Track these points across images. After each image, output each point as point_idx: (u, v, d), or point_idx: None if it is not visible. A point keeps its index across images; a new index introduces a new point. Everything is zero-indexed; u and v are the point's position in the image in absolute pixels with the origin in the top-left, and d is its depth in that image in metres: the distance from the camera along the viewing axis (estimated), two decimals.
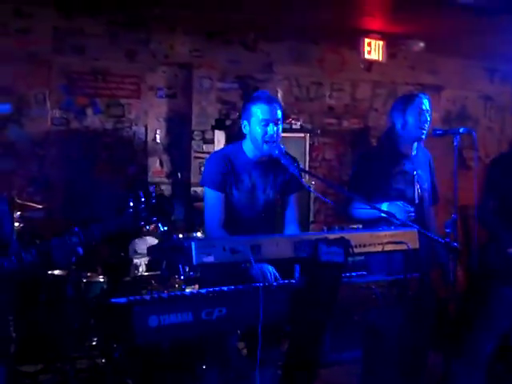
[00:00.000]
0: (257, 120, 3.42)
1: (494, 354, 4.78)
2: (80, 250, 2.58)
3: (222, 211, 3.45)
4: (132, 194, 2.59)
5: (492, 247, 4.09)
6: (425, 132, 3.87)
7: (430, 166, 4.12)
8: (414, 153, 3.97)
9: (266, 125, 3.41)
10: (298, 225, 3.65)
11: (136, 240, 5.37)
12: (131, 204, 2.56)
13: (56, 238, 2.56)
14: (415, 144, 3.95)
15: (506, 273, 3.99)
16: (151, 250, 3.27)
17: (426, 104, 3.89)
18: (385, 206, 3.64)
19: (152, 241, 5.39)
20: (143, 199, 2.57)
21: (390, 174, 3.86)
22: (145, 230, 2.61)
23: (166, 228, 2.74)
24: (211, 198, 3.47)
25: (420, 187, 3.91)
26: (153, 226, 2.65)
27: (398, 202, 3.68)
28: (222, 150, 3.85)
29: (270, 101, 3.44)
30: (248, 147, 3.53)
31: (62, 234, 2.55)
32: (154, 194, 2.61)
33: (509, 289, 4.10)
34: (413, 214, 3.67)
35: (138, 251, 5.35)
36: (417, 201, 3.87)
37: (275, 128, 3.42)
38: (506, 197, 4.05)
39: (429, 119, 3.87)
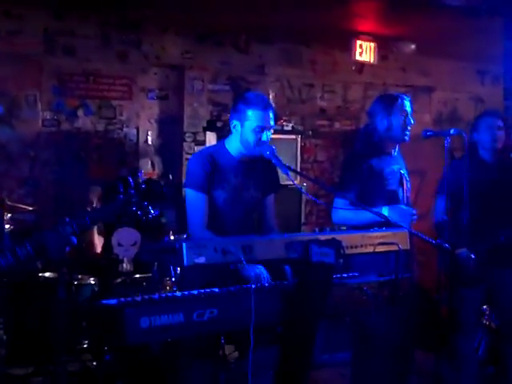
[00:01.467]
0: (251, 125, 3.39)
1: (485, 357, 4.81)
2: (74, 240, 2.57)
3: (206, 213, 3.42)
4: (121, 180, 2.58)
5: None
6: (408, 134, 3.85)
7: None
8: (395, 153, 3.94)
9: (261, 131, 3.39)
10: (276, 226, 3.64)
11: (115, 232, 5.35)
12: (121, 190, 2.55)
13: (48, 229, 2.54)
14: (395, 144, 3.92)
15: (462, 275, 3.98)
16: (142, 251, 3.27)
17: (408, 105, 3.87)
18: (385, 210, 3.58)
19: (130, 231, 5.37)
20: (132, 184, 2.56)
21: (382, 174, 3.79)
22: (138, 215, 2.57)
23: (157, 212, 2.71)
24: (194, 200, 3.43)
25: (406, 188, 3.90)
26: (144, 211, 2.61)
27: (401, 206, 3.65)
28: (204, 149, 3.81)
29: (267, 107, 3.41)
30: (233, 146, 3.51)
31: (54, 226, 2.54)
32: (142, 179, 2.60)
33: (468, 290, 4.12)
34: (415, 217, 3.63)
35: (121, 243, 5.33)
36: (405, 202, 3.87)
37: (268, 133, 3.42)
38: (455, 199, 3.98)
39: (412, 121, 3.85)
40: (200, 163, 3.45)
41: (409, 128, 3.81)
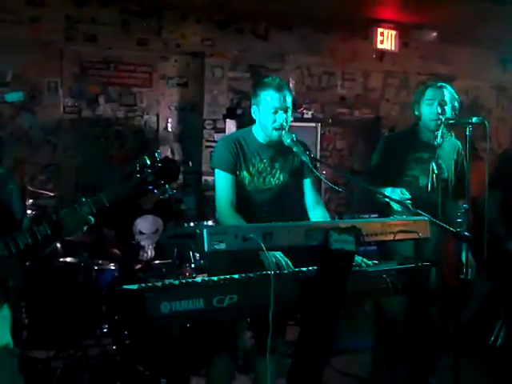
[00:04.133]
0: (266, 107, 3.41)
1: (504, 345, 4.81)
2: (91, 219, 2.58)
3: (233, 193, 3.45)
4: (137, 159, 2.59)
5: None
6: (438, 122, 3.85)
7: (458, 158, 4.08)
8: (437, 142, 3.95)
9: (276, 112, 3.40)
10: (323, 206, 3.67)
11: (138, 220, 5.40)
12: (137, 169, 2.56)
13: (66, 209, 2.56)
14: (438, 133, 3.93)
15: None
16: (163, 237, 3.29)
17: (437, 95, 3.88)
18: (387, 192, 3.67)
19: (153, 219, 5.42)
20: (149, 164, 2.57)
21: (406, 160, 3.91)
22: (153, 193, 2.58)
23: (174, 191, 2.71)
24: (222, 180, 3.46)
25: (437, 177, 3.90)
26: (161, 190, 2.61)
27: (398, 189, 3.67)
28: (232, 133, 3.89)
29: (281, 88, 3.42)
30: (258, 131, 3.53)
31: (72, 206, 2.56)
32: (159, 158, 2.60)
33: None
34: (409, 202, 3.63)
35: (143, 231, 5.38)
36: (429, 189, 3.88)
37: (284, 116, 3.42)
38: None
39: (439, 110, 3.84)
40: (226, 145, 3.49)
41: (437, 117, 3.83)
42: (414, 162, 3.92)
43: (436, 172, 3.91)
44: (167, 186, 2.62)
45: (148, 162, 2.56)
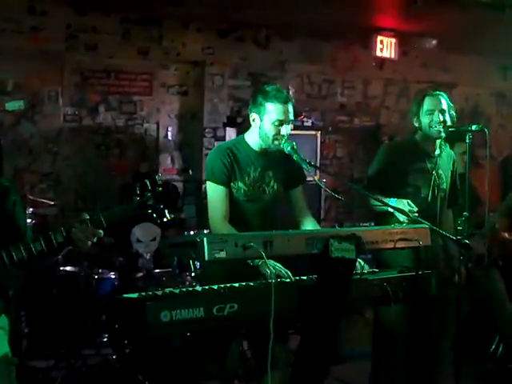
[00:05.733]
0: (270, 119, 3.39)
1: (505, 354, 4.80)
2: (101, 232, 2.58)
3: (226, 205, 3.42)
4: (138, 182, 2.59)
5: None
6: (439, 130, 3.85)
7: (453, 168, 4.10)
8: (436, 152, 3.96)
9: (280, 125, 3.39)
10: (310, 215, 3.64)
11: (135, 228, 5.39)
12: (138, 192, 2.56)
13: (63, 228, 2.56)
14: (437, 143, 3.94)
15: None
16: (163, 246, 3.28)
17: (437, 103, 3.88)
18: (392, 202, 3.65)
19: (150, 227, 5.41)
20: (149, 187, 2.57)
21: (409, 169, 3.90)
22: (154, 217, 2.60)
23: (172, 216, 2.72)
24: (214, 192, 3.44)
25: (438, 187, 3.91)
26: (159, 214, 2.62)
27: (405, 200, 3.66)
28: (224, 143, 3.86)
29: (286, 101, 3.40)
30: (252, 139, 3.51)
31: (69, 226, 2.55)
32: (159, 182, 2.60)
33: None
34: (416, 215, 3.63)
35: (140, 239, 5.37)
36: (429, 199, 3.88)
37: (287, 127, 3.41)
38: None
39: (440, 118, 3.84)
40: (219, 156, 3.47)
41: (437, 125, 3.82)
42: (416, 172, 3.91)
43: (437, 182, 3.92)
44: (166, 210, 2.62)
45: (148, 185, 2.56)
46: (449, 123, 3.85)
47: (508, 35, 6.40)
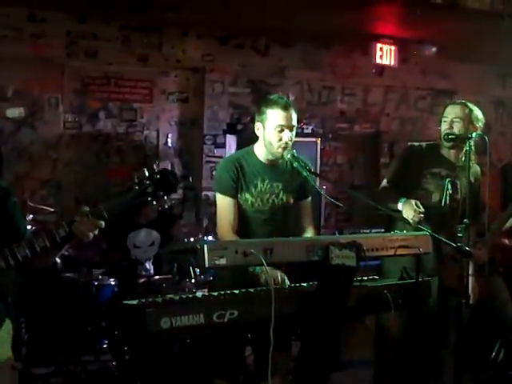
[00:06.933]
0: (272, 125, 3.39)
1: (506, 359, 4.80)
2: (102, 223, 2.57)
3: (235, 217, 3.42)
4: (136, 172, 2.59)
5: None
6: (446, 139, 3.87)
7: (474, 182, 3.99)
8: (459, 162, 3.93)
9: (282, 131, 3.40)
10: (314, 229, 3.65)
11: (131, 234, 5.39)
12: (136, 181, 2.56)
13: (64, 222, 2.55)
14: (463, 152, 3.87)
15: None
16: (163, 252, 3.28)
17: (452, 112, 3.90)
18: (401, 202, 3.70)
19: (147, 232, 5.41)
20: (148, 175, 2.57)
21: (424, 173, 3.92)
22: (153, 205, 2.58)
23: (173, 202, 2.73)
24: (223, 204, 3.45)
25: (450, 196, 3.90)
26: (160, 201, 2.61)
27: (413, 201, 3.66)
28: (233, 154, 3.88)
29: (287, 107, 3.41)
30: (260, 150, 3.51)
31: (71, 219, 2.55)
32: (157, 170, 2.61)
33: None
34: (422, 216, 3.63)
35: (137, 244, 5.37)
36: (441, 205, 3.89)
37: (290, 134, 3.42)
38: None
39: (447, 126, 3.86)
40: (227, 168, 3.47)
41: (445, 136, 3.86)
42: (431, 176, 3.92)
43: (450, 191, 3.90)
44: (166, 197, 2.61)
45: (147, 173, 2.56)
46: (456, 132, 3.84)
47: (507, 43, 6.41)
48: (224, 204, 3.44)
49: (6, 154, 6.00)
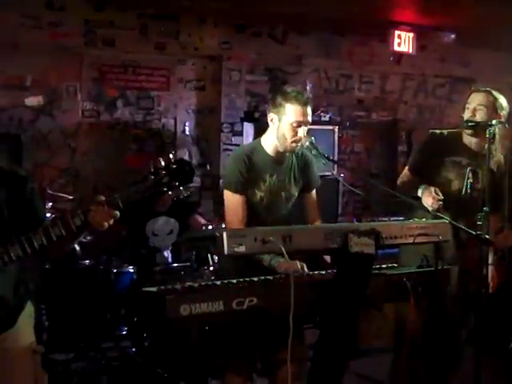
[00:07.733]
0: (290, 120, 3.36)
1: None
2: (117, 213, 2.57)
3: (243, 214, 3.41)
4: (152, 161, 2.59)
5: None
6: (465, 127, 3.82)
7: (497, 171, 3.91)
8: (483, 151, 3.82)
9: (299, 126, 3.38)
10: (321, 222, 3.64)
11: (150, 222, 5.41)
12: (152, 171, 2.56)
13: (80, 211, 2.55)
14: (485, 141, 3.76)
15: None
16: (182, 240, 3.29)
17: (475, 99, 3.84)
18: (421, 188, 3.70)
19: (165, 220, 5.42)
20: (163, 165, 2.56)
21: (445, 160, 3.88)
22: (168, 195, 2.56)
23: (189, 193, 2.70)
24: (232, 201, 3.43)
25: (471, 185, 3.87)
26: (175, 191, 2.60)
27: (432, 188, 3.65)
28: (241, 149, 3.85)
29: (306, 103, 3.38)
30: (269, 143, 3.49)
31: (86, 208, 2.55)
32: (173, 160, 2.59)
33: None
34: (441, 203, 3.62)
35: (155, 232, 5.39)
36: (462, 195, 3.85)
37: (305, 129, 3.41)
38: None
39: (470, 114, 3.80)
40: (236, 164, 3.45)
41: (467, 124, 3.80)
42: (451, 164, 3.88)
43: (471, 180, 3.87)
44: (181, 187, 2.60)
45: (163, 163, 2.56)
46: (479, 119, 3.79)
47: None
48: (233, 201, 3.43)
49: (25, 143, 6.06)
